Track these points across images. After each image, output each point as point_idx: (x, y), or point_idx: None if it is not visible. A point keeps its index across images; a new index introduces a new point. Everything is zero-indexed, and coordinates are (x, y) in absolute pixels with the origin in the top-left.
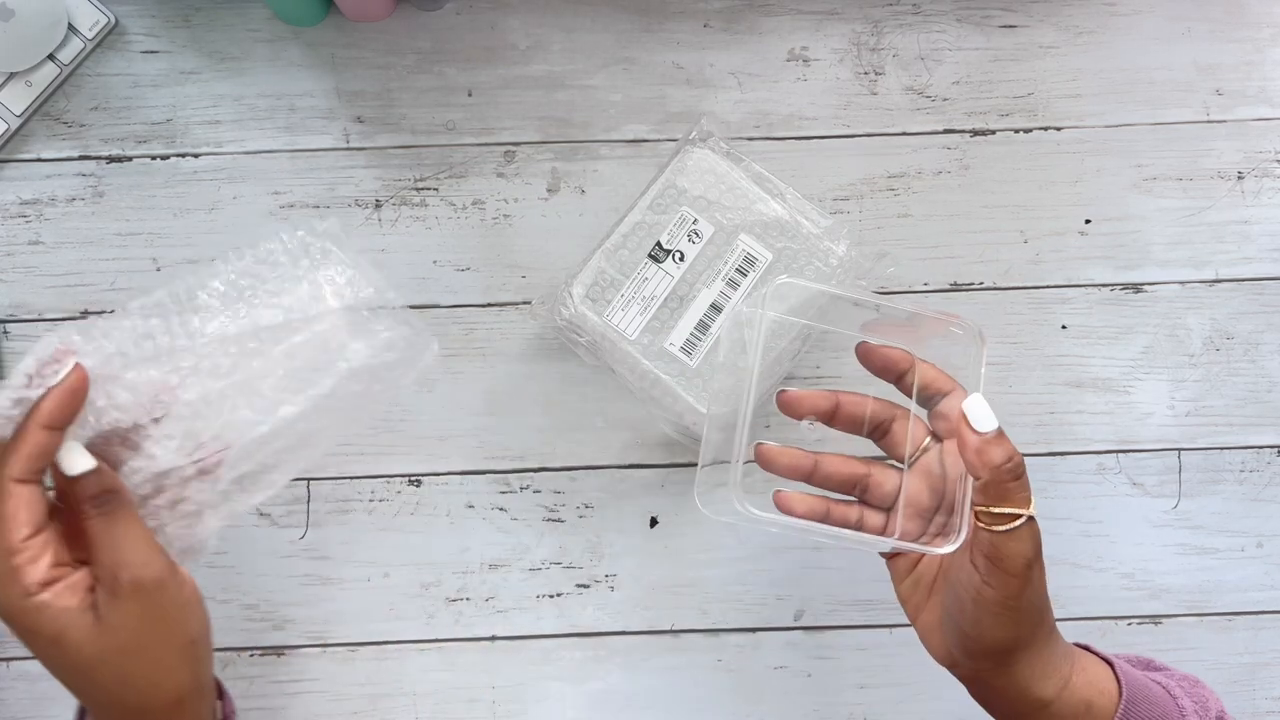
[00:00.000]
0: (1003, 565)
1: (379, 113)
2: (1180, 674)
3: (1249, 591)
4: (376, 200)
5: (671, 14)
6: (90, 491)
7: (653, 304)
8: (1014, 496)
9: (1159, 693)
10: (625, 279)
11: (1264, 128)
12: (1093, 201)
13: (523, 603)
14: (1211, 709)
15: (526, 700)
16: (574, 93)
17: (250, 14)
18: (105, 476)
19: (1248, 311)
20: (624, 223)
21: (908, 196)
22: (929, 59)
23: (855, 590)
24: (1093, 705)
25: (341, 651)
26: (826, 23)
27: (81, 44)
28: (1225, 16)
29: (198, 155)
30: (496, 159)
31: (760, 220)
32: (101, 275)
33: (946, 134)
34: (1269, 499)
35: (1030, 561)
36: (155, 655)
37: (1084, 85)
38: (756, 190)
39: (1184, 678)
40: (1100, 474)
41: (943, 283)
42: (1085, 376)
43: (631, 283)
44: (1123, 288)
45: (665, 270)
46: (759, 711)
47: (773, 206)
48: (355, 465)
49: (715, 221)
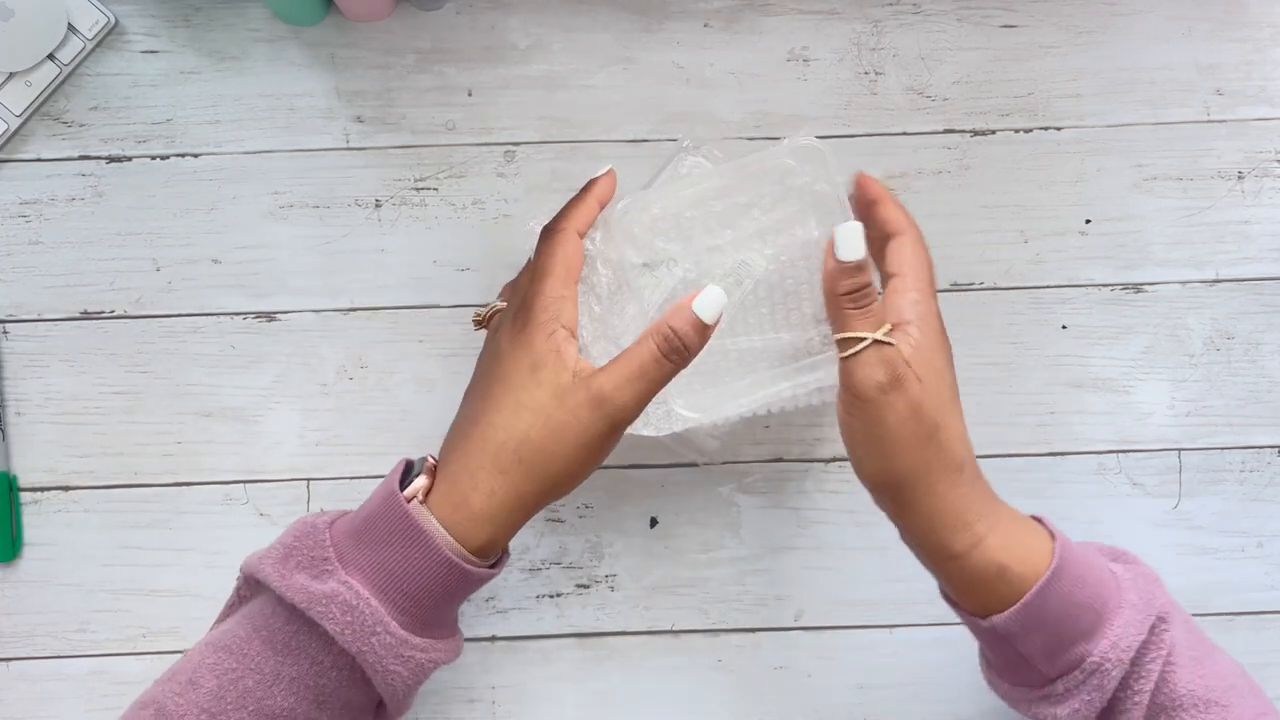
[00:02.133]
0: (852, 390)
1: (379, 112)
2: (1144, 570)
3: (1249, 591)
4: (376, 200)
5: (671, 14)
6: (682, 332)
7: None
8: (854, 321)
9: (1099, 576)
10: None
11: (1264, 128)
12: (1093, 201)
13: (523, 603)
14: (1155, 605)
15: (526, 700)
16: (574, 93)
17: (250, 14)
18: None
19: (1248, 311)
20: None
21: (908, 196)
22: (929, 59)
23: (855, 590)
24: (1007, 570)
25: None
26: (826, 23)
27: (81, 44)
28: (1225, 16)
29: (197, 155)
30: (496, 159)
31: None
32: (101, 275)
33: (946, 134)
34: (1269, 499)
35: (882, 386)
36: (566, 439)
37: (1084, 85)
38: None
39: (1144, 574)
40: (1100, 474)
41: (943, 283)
42: (1085, 376)
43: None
44: (1123, 288)
45: (657, 278)
46: (759, 711)
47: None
48: (356, 465)
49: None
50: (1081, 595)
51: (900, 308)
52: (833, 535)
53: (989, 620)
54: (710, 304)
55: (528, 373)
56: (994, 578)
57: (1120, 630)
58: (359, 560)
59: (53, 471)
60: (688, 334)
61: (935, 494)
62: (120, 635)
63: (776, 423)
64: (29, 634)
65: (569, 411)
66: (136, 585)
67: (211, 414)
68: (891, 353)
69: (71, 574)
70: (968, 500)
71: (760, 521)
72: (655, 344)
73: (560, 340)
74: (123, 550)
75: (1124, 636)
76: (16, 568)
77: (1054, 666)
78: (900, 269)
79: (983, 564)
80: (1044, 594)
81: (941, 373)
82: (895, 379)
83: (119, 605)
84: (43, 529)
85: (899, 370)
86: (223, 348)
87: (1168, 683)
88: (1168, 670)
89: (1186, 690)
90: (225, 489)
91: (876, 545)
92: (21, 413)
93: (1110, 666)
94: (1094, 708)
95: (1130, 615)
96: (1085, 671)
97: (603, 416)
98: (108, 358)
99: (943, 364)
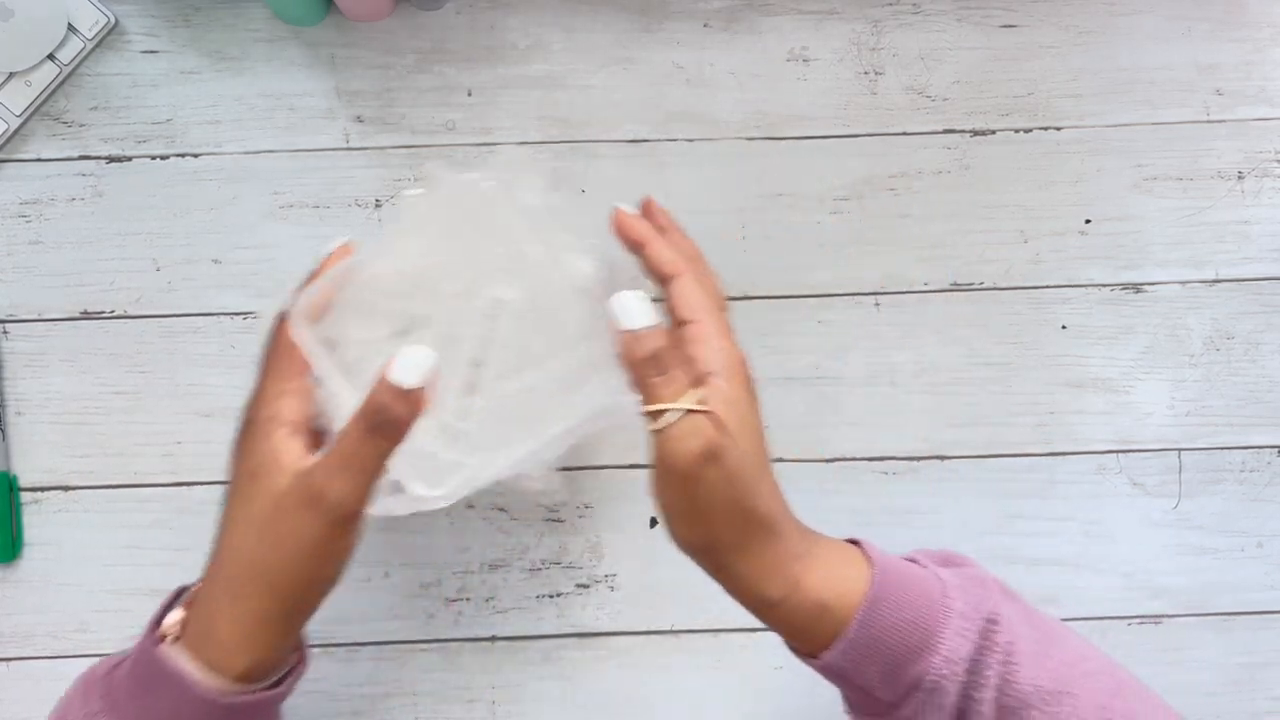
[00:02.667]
0: (665, 464)
1: (379, 112)
2: (974, 573)
3: (1249, 591)
4: (376, 200)
5: (671, 14)
6: (383, 405)
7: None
8: (659, 391)
9: (922, 591)
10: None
11: (1264, 128)
12: (1093, 201)
13: (523, 603)
14: (984, 608)
15: (526, 700)
16: (574, 93)
17: (250, 14)
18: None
19: (1248, 311)
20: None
21: (908, 196)
22: (929, 59)
23: None
24: (828, 607)
25: (341, 651)
26: (826, 23)
27: (81, 44)
28: (1225, 16)
29: (197, 155)
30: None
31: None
32: (101, 275)
33: (946, 134)
34: (1269, 499)
35: (698, 459)
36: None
37: (1084, 85)
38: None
39: (973, 578)
40: (1100, 474)
41: (943, 283)
42: (1085, 376)
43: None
44: (1123, 288)
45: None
46: (759, 711)
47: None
48: None
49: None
50: (906, 615)
51: (703, 359)
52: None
53: (821, 659)
54: (408, 367)
55: (249, 482)
56: (816, 617)
57: (950, 643)
58: (128, 711)
59: (53, 471)
60: (392, 406)
61: (751, 553)
62: (120, 635)
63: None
64: (29, 634)
65: (287, 518)
66: (136, 585)
67: (211, 414)
68: (705, 421)
69: (71, 574)
70: (784, 549)
71: None
72: (360, 424)
73: (278, 441)
74: (123, 550)
75: (955, 649)
76: (16, 568)
77: (894, 692)
78: (690, 314)
79: (804, 606)
80: (866, 623)
81: (753, 425)
82: (712, 451)
83: (119, 605)
84: (43, 529)
85: (715, 441)
86: (223, 347)
87: (1011, 683)
88: (1008, 671)
89: (1032, 686)
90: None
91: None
92: (21, 413)
93: (946, 682)
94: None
95: (959, 624)
96: (925, 691)
97: (318, 517)
98: (108, 358)
99: (751, 412)
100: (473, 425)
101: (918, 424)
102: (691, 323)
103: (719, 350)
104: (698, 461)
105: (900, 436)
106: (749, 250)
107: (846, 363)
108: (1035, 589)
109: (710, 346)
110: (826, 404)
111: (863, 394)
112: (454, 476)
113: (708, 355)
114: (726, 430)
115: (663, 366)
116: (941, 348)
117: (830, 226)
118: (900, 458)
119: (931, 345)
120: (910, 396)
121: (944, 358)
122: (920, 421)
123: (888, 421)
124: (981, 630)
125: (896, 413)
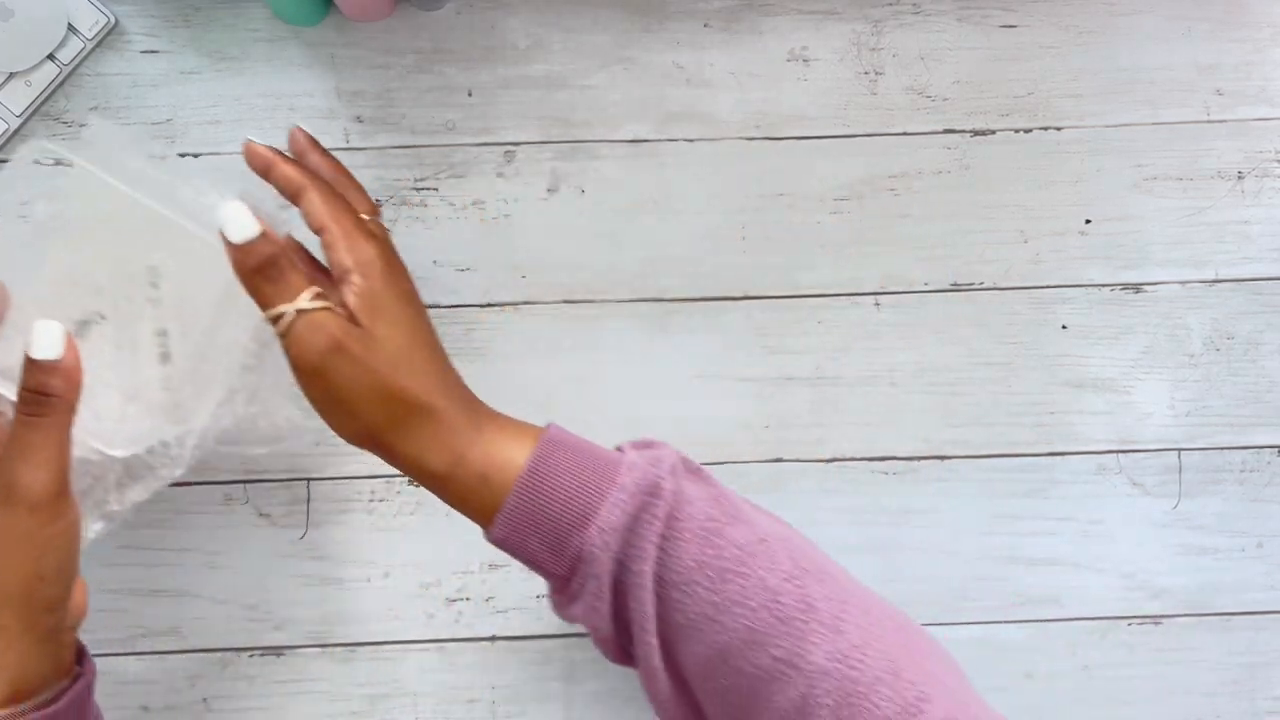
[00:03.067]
0: (294, 365)
1: (379, 112)
2: (658, 453)
3: (1249, 591)
4: (376, 200)
5: (671, 14)
6: (38, 385)
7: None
8: (273, 298)
9: (590, 466)
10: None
11: (1264, 128)
12: (1093, 201)
13: (523, 603)
14: (647, 483)
15: (526, 700)
16: (574, 93)
17: (250, 14)
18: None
19: (1248, 311)
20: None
21: (908, 196)
22: (929, 59)
23: None
24: (489, 479)
25: (341, 651)
26: (826, 23)
27: (81, 44)
28: (1225, 16)
29: (197, 155)
30: (496, 159)
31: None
32: None
33: (946, 134)
34: (1269, 499)
35: (322, 354)
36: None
37: (1084, 85)
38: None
39: (653, 457)
40: (1100, 474)
41: (943, 283)
42: (1085, 376)
43: None
44: (1123, 288)
45: (98, 339)
46: None
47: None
48: (355, 465)
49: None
50: (566, 486)
51: (337, 262)
52: (833, 535)
53: (489, 534)
54: (41, 343)
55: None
56: (478, 489)
57: (606, 514)
58: None
59: None
60: (46, 384)
61: (409, 431)
62: (120, 635)
63: (776, 423)
64: None
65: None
66: (138, 585)
67: None
68: (322, 317)
69: None
70: (444, 425)
71: None
72: (24, 410)
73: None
74: (125, 550)
75: (609, 519)
76: None
77: (561, 565)
78: (319, 224)
79: (468, 479)
80: (523, 493)
81: (395, 314)
82: (335, 344)
83: (120, 605)
84: None
85: (335, 334)
86: None
87: (672, 557)
88: (670, 545)
89: (695, 562)
90: (225, 489)
91: (876, 545)
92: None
93: (600, 552)
94: (601, 598)
95: (618, 497)
96: (584, 562)
97: (14, 509)
98: None
99: (395, 302)
100: (183, 392)
101: (918, 424)
102: (323, 231)
103: (348, 250)
104: (322, 356)
105: (900, 436)
106: (749, 250)
107: (846, 363)
108: (1035, 589)
109: (340, 249)
110: (826, 404)
111: (863, 394)
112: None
113: (340, 258)
114: (356, 322)
115: (273, 274)
116: (941, 348)
117: (830, 227)
118: (900, 458)
119: (931, 345)
120: (910, 396)
121: (944, 358)
122: (920, 421)
123: (888, 421)
124: (641, 504)
125: (896, 413)
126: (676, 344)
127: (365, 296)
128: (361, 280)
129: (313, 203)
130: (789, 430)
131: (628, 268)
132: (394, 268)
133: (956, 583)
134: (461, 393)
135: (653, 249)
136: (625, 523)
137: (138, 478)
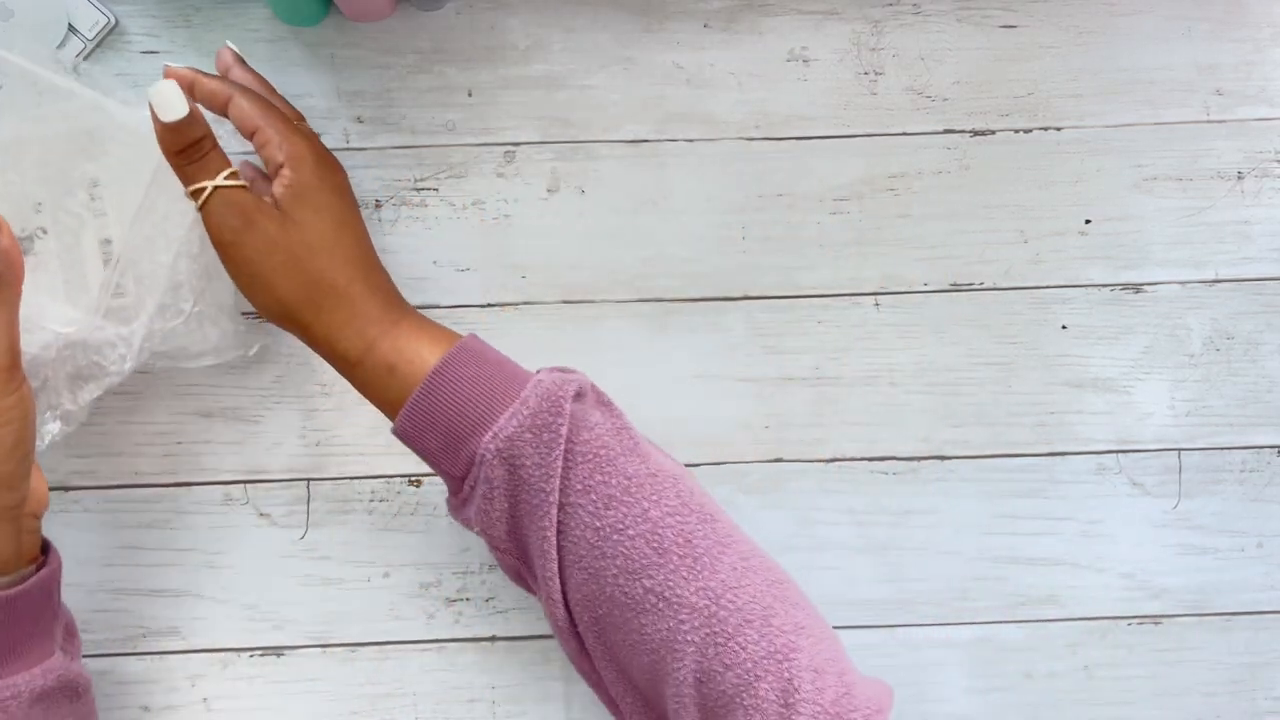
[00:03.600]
0: (211, 237)
1: (379, 113)
2: (569, 376)
3: (1249, 591)
4: (376, 200)
5: (671, 14)
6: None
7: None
8: (194, 175)
9: (498, 376)
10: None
11: (1264, 128)
12: (1093, 201)
13: (523, 603)
14: (551, 401)
15: (526, 700)
16: (574, 93)
17: (250, 14)
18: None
19: (1248, 311)
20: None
21: (908, 196)
22: (929, 59)
23: (855, 590)
24: (397, 370)
25: (341, 651)
26: (826, 23)
27: (81, 44)
28: (1225, 16)
29: None
30: (496, 159)
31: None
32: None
33: (946, 134)
34: (1269, 499)
35: (236, 229)
36: None
37: (1084, 85)
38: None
39: (564, 380)
40: (1100, 474)
41: (943, 283)
42: (1085, 376)
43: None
44: (1123, 288)
45: (43, 252)
46: None
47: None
48: (355, 465)
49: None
50: (470, 392)
51: (270, 159)
52: (833, 535)
53: (394, 427)
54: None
55: None
56: (385, 377)
57: (504, 422)
58: None
59: (53, 471)
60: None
61: (324, 312)
62: (120, 635)
63: (776, 423)
64: None
65: None
66: (136, 585)
67: (212, 414)
68: (237, 194)
69: (71, 574)
70: (360, 312)
71: (760, 521)
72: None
73: None
74: (123, 550)
75: (506, 428)
76: None
77: (456, 466)
78: (249, 126)
79: (377, 368)
80: (427, 391)
81: (320, 203)
82: (246, 220)
83: (119, 605)
84: (43, 529)
85: (249, 211)
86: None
87: (570, 479)
88: (571, 466)
89: (583, 486)
90: (225, 489)
91: (876, 545)
92: None
93: (492, 457)
94: (493, 503)
95: (518, 408)
96: (477, 465)
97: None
98: None
99: (323, 196)
100: (128, 295)
101: (918, 424)
102: (255, 132)
103: (279, 146)
104: (235, 232)
105: (900, 436)
106: (749, 250)
107: (846, 363)
108: (1035, 589)
109: (273, 145)
110: (826, 404)
111: (863, 394)
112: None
113: (273, 154)
114: (279, 204)
115: (195, 155)
116: (941, 348)
117: (830, 227)
118: (900, 458)
119: (931, 345)
120: (910, 396)
121: (944, 358)
122: (920, 421)
123: (888, 421)
124: (541, 420)
125: (896, 413)
126: (676, 344)
127: (292, 186)
128: (291, 173)
129: (240, 107)
130: (789, 430)
131: (627, 268)
132: (324, 161)
133: (956, 583)
134: (385, 288)
135: (652, 249)
136: (520, 434)
137: (90, 377)
